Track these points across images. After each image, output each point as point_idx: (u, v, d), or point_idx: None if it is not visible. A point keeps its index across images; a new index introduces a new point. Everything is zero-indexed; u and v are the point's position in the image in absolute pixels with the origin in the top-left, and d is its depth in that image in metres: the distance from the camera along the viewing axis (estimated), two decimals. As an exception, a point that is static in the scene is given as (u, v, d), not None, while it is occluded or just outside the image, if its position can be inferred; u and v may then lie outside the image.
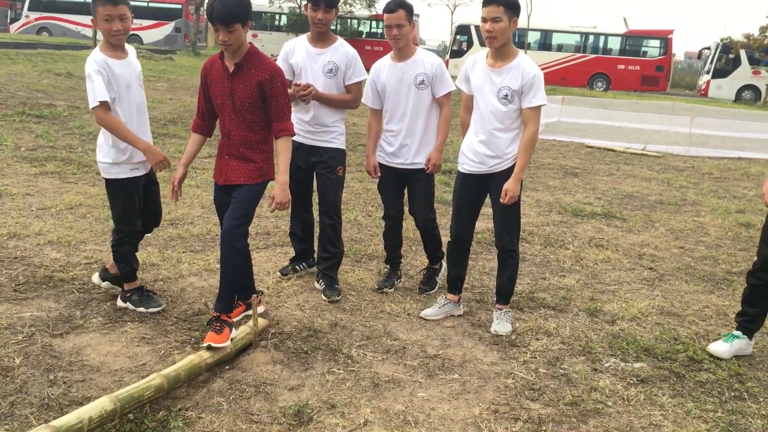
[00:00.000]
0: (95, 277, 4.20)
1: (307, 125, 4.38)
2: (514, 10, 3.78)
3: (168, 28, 41.05)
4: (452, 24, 43.86)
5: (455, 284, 4.32)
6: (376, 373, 3.49)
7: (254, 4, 32.34)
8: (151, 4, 41.24)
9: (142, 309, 3.95)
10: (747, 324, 3.97)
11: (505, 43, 3.83)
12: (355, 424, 3.01)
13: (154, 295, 4.05)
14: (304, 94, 4.19)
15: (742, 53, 30.50)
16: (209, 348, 3.38)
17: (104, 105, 3.66)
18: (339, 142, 4.44)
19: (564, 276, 5.27)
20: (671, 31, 32.92)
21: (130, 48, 3.92)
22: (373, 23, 38.21)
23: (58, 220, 5.52)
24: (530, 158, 3.98)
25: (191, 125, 3.86)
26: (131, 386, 2.98)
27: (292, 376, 3.40)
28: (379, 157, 4.53)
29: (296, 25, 36.88)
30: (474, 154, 4.02)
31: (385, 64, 4.41)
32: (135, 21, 30.06)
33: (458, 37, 36.91)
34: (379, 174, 4.55)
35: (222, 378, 3.33)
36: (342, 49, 4.37)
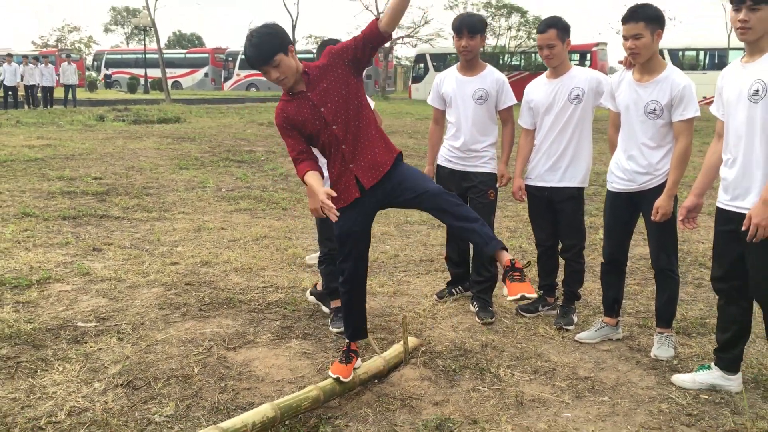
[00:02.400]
0: (308, 293, 4.73)
1: (458, 151, 4.52)
2: (657, 22, 3.68)
3: (363, 75, 43.62)
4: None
5: (612, 307, 4.18)
6: (522, 392, 3.48)
7: (439, 46, 33.51)
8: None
9: (333, 329, 4.25)
10: None
11: (649, 57, 3.72)
12: (494, 439, 3.04)
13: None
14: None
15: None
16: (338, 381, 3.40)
17: None
18: (490, 167, 4.52)
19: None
20: None
21: None
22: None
23: (244, 250, 6.11)
24: (683, 173, 3.79)
25: (299, 174, 3.39)
26: (291, 396, 3.25)
27: (438, 392, 3.49)
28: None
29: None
30: (623, 172, 3.91)
31: (625, 77, 4.02)
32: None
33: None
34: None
35: (371, 391, 3.52)
36: (492, 76, 4.48)
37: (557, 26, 4.23)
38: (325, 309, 4.58)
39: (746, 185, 3.21)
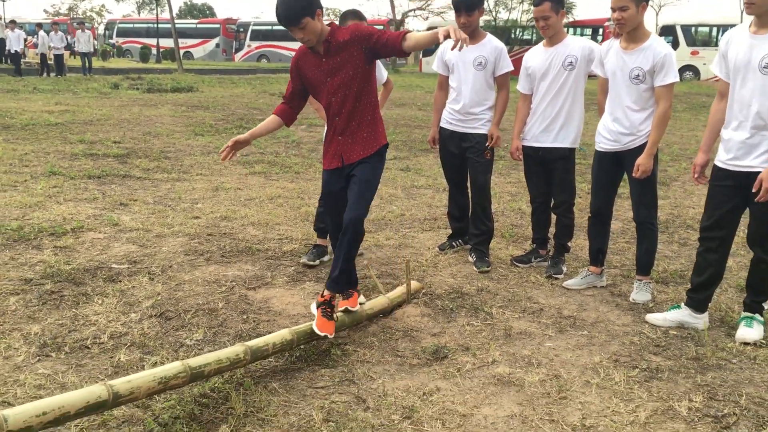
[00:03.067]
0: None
1: (458, 114, 4.91)
2: None
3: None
4: (657, 25, 42.02)
5: (596, 257, 4.59)
6: (511, 326, 3.91)
7: (450, 19, 33.47)
8: (354, 27, 44.09)
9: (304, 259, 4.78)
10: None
11: (635, 27, 4.08)
12: (484, 362, 3.47)
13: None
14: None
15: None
16: (346, 311, 3.75)
17: None
18: (487, 128, 4.90)
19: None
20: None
21: None
22: (570, 30, 37.75)
23: (260, 208, 6.53)
24: (663, 134, 4.16)
25: (274, 110, 3.87)
26: (305, 324, 3.68)
27: (435, 326, 3.93)
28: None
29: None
30: (609, 133, 4.29)
31: (612, 45, 4.35)
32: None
33: (662, 38, 35.39)
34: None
35: (377, 324, 3.95)
36: (491, 44, 4.85)
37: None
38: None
39: (749, 147, 3.57)
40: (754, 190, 3.50)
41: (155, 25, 41.63)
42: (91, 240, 5.26)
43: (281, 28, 4.44)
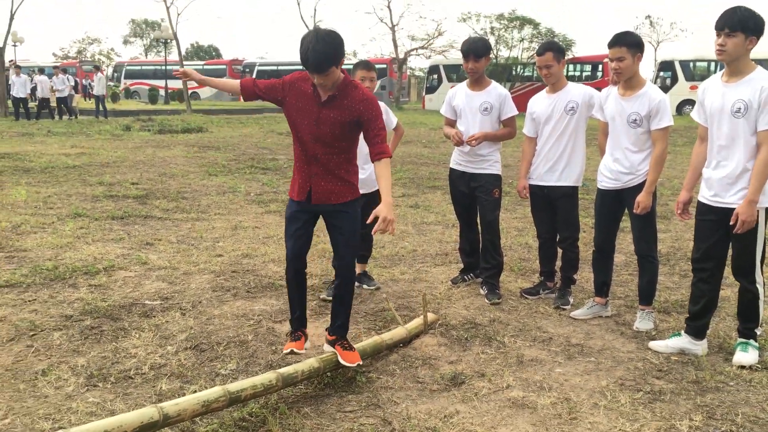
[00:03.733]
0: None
1: (467, 156, 5.24)
2: (637, 47, 4.40)
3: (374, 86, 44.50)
4: (655, 60, 42.85)
5: (601, 289, 4.87)
6: (522, 354, 4.19)
7: (452, 57, 34.09)
8: (358, 66, 44.93)
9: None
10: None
11: (631, 76, 4.44)
12: (499, 387, 3.74)
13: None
14: (473, 144, 5.08)
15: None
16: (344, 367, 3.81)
17: None
18: (495, 169, 5.24)
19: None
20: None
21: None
22: (570, 66, 38.46)
23: (278, 245, 6.84)
24: (660, 173, 4.48)
25: (242, 80, 3.90)
26: (331, 352, 3.96)
27: (452, 354, 4.20)
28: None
29: (494, 75, 38.20)
30: (610, 172, 4.62)
31: (611, 92, 4.67)
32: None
33: (662, 73, 36.20)
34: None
35: (397, 353, 4.23)
36: (495, 91, 5.21)
37: (553, 49, 4.96)
38: (366, 287, 5.40)
39: (727, 185, 3.93)
40: (731, 223, 3.84)
41: (163, 67, 42.46)
42: (123, 278, 5.57)
43: (286, 67, 4.73)
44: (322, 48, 3.39)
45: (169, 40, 39.17)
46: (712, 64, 35.52)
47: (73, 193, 9.65)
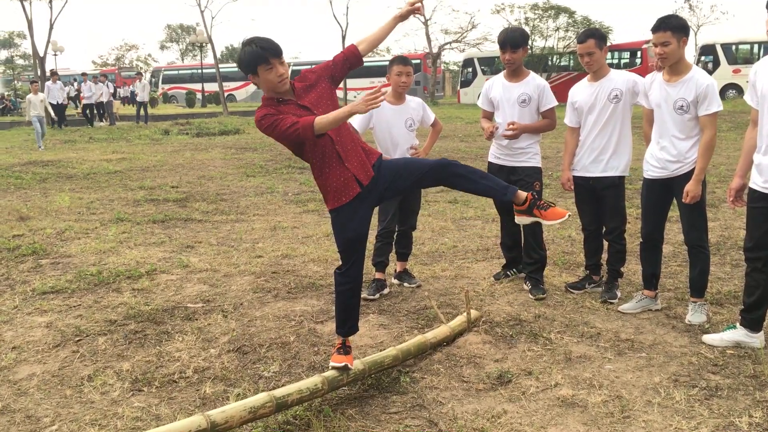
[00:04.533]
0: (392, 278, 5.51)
1: (506, 149, 5.13)
2: (682, 31, 4.24)
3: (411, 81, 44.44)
4: (696, 45, 41.89)
5: (650, 281, 4.72)
6: (570, 350, 4.07)
7: (486, 50, 33.98)
8: (392, 62, 44.97)
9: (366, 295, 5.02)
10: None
11: (677, 60, 4.28)
12: (547, 385, 3.64)
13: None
14: (510, 136, 4.97)
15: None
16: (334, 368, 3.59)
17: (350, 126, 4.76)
18: (535, 161, 5.11)
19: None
20: None
21: (410, 98, 5.28)
22: (608, 54, 37.71)
23: (318, 245, 6.81)
24: (709, 161, 4.31)
25: (307, 125, 3.34)
26: (375, 354, 3.90)
27: (497, 352, 4.11)
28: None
29: (529, 66, 37.74)
30: (657, 161, 4.47)
31: (656, 78, 4.53)
32: (378, 79, 33.43)
33: (703, 58, 35.40)
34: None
35: (441, 352, 4.15)
36: (534, 82, 5.08)
37: (595, 36, 4.80)
38: (407, 284, 5.35)
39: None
40: None
41: (199, 71, 42.94)
42: (165, 282, 5.60)
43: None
44: (266, 39, 3.46)
45: (204, 44, 39.59)
46: (755, 47, 34.58)
47: (115, 198, 9.78)
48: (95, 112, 27.13)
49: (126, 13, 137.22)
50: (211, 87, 42.90)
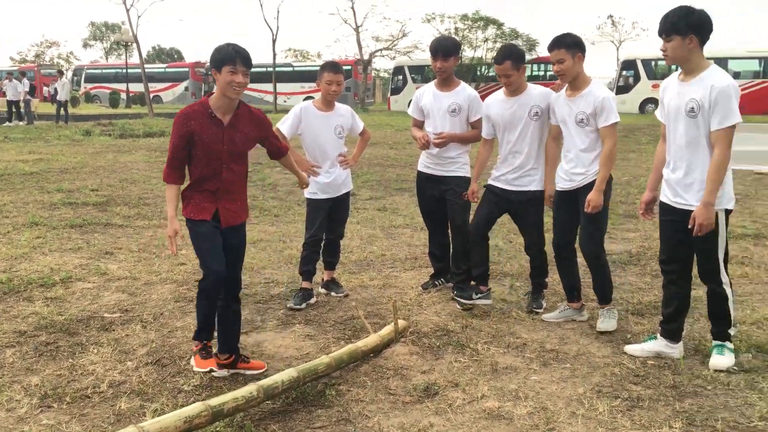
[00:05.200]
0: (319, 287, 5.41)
1: (436, 158, 5.13)
2: (577, 47, 4.39)
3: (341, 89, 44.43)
4: (618, 60, 43.40)
5: (571, 293, 4.79)
6: (497, 362, 4.08)
7: (417, 58, 34.34)
8: (323, 68, 44.85)
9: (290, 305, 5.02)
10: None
11: (575, 76, 4.41)
12: (474, 397, 3.62)
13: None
14: (438, 144, 4.96)
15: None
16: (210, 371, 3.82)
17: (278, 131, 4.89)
18: (464, 171, 5.12)
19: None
20: None
21: (339, 106, 5.17)
22: (534, 66, 38.72)
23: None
24: (610, 170, 4.43)
25: (165, 177, 3.87)
26: (309, 363, 3.80)
27: (424, 363, 4.08)
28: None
29: (457, 75, 38.23)
30: (564, 173, 4.58)
31: (561, 95, 4.64)
32: (310, 84, 33.38)
33: (624, 72, 36.66)
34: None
35: (368, 364, 4.09)
36: (464, 92, 5.10)
37: (512, 57, 4.76)
38: (335, 294, 5.28)
39: (685, 185, 3.87)
40: (689, 227, 3.79)
41: (124, 71, 41.69)
42: (81, 290, 5.34)
43: (252, 71, 4.75)
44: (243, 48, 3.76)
45: (129, 43, 38.49)
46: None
47: (30, 201, 9.33)
48: (13, 110, 25.90)
49: (47, 8, 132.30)
50: (136, 87, 41.72)
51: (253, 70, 3.85)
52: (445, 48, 5.01)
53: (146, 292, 5.34)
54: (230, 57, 3.62)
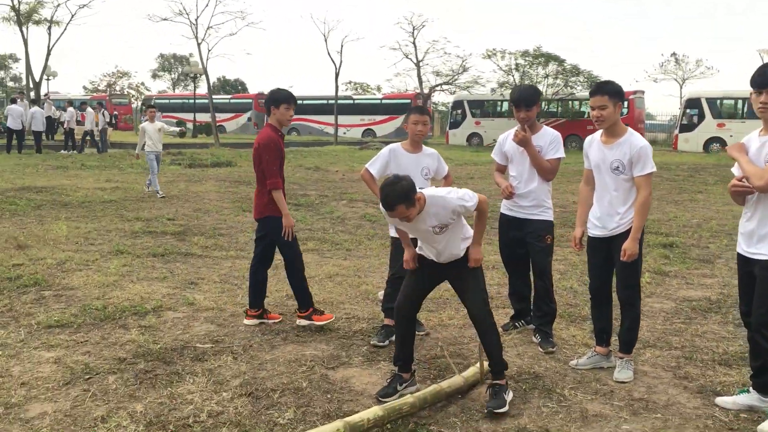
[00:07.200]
0: None
1: (519, 201, 5.20)
2: (618, 96, 4.48)
3: (398, 121, 44.95)
4: (681, 98, 42.74)
5: (601, 337, 4.79)
6: (585, 408, 4.09)
7: (476, 93, 34.47)
8: (383, 101, 45.56)
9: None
10: None
11: (613, 123, 4.48)
12: (566, 444, 3.64)
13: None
14: (522, 137, 5.09)
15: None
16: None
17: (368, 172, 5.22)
18: (547, 215, 5.18)
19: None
20: None
21: (426, 148, 5.41)
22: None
23: (321, 286, 6.81)
24: (645, 219, 4.49)
25: (276, 185, 5.40)
26: (394, 402, 3.91)
27: (513, 408, 4.10)
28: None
29: (516, 111, 38.19)
30: (597, 220, 4.62)
31: (594, 139, 4.72)
32: (370, 117, 33.84)
33: (688, 110, 36.10)
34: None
35: (456, 404, 4.14)
36: (547, 134, 5.19)
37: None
38: (416, 332, 5.29)
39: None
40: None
41: (191, 101, 43.04)
42: (172, 319, 5.56)
43: (312, 102, 5.89)
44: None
45: (198, 75, 39.79)
46: (740, 102, 35.36)
47: (113, 229, 9.73)
48: (87, 138, 26.86)
49: (118, 40, 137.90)
50: (203, 117, 42.99)
51: (315, 102, 4.27)
52: (527, 99, 5.13)
53: (233, 323, 5.52)
54: (291, 97, 5.45)
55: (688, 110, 36.25)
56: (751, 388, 4.12)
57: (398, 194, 3.87)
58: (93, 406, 3.97)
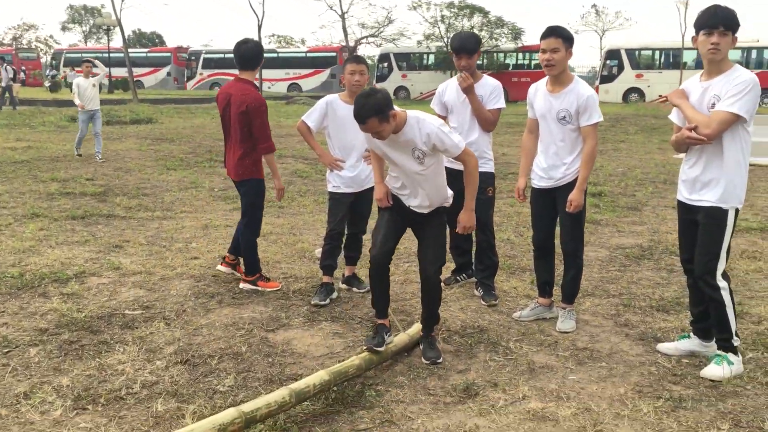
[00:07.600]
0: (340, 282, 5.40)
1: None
2: (570, 42, 4.35)
3: (324, 75, 44.26)
4: (601, 49, 43.53)
5: (544, 289, 4.76)
6: (532, 360, 4.05)
7: (403, 45, 34.32)
8: (309, 54, 44.69)
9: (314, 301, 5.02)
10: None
11: (562, 70, 4.36)
12: (515, 398, 3.59)
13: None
14: (469, 85, 4.91)
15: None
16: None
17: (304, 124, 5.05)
18: (488, 167, 5.06)
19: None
20: None
21: None
22: (520, 55, 38.75)
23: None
24: (591, 169, 4.44)
25: (273, 147, 5.31)
26: (339, 364, 3.74)
27: (460, 362, 4.04)
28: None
29: (443, 63, 38.14)
30: (542, 171, 4.54)
31: (539, 88, 4.59)
32: (295, 70, 33.29)
33: (608, 62, 36.82)
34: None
35: (402, 363, 4.04)
36: (488, 83, 5.04)
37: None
38: (356, 289, 5.26)
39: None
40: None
41: (105, 54, 41.00)
42: (96, 285, 5.23)
43: (232, 55, 5.42)
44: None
45: (111, 27, 37.86)
46: (657, 53, 36.31)
47: (26, 191, 9.14)
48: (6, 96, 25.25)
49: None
50: (120, 72, 41.11)
51: (229, 55, 4.01)
52: (469, 45, 4.96)
53: (164, 287, 5.25)
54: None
55: (608, 62, 37.02)
56: (691, 334, 4.17)
57: (371, 106, 3.66)
58: (14, 381, 3.67)
